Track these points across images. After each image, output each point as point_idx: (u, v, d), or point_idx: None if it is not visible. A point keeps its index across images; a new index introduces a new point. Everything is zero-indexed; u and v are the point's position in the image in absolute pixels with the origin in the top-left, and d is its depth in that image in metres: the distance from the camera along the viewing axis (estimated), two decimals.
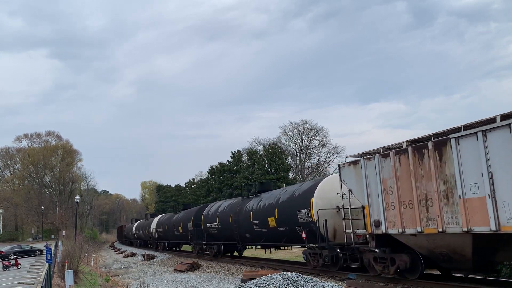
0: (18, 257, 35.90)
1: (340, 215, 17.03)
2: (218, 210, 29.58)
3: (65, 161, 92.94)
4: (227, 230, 27.50)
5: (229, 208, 27.86)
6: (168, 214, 47.53)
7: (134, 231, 63.47)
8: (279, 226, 20.99)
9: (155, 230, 47.24)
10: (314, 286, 11.34)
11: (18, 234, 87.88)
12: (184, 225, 36.62)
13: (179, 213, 40.82)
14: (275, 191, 23.77)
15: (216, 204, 31.62)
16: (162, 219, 46.27)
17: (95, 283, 21.48)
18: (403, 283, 14.35)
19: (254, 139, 78.39)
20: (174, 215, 42.26)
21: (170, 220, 42.12)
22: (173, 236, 40.61)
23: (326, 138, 72.55)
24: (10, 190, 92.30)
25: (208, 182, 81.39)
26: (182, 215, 38.90)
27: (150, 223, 51.61)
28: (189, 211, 38.11)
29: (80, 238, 34.87)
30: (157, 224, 47.27)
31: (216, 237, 29.86)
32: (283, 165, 62.74)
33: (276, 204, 21.40)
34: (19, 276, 23.66)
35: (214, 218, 29.61)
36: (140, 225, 59.87)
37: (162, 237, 45.19)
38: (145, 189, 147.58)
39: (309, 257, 18.78)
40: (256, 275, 15.33)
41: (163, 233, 44.25)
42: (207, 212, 31.70)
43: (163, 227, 44.29)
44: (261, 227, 22.70)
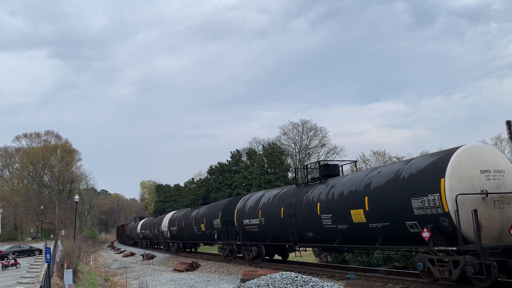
0: (17, 257, 35.84)
1: (488, 204, 12.13)
2: (260, 203, 23.65)
3: (65, 160, 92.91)
4: (276, 227, 21.69)
5: (278, 200, 21.93)
6: (184, 210, 42.54)
7: (139, 230, 59.23)
8: (371, 222, 15.09)
9: (167, 229, 42.41)
10: (313, 286, 11.33)
11: (17, 233, 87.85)
12: (208, 222, 31.23)
13: (199, 208, 35.66)
14: (354, 175, 17.39)
15: (255, 195, 25.60)
16: (176, 216, 41.17)
17: (94, 282, 21.46)
18: (402, 283, 14.35)
19: (254, 139, 78.48)
20: (192, 211, 37.13)
21: (187, 217, 36.92)
22: (192, 235, 35.44)
23: (325, 138, 72.66)
24: (9, 189, 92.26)
25: (208, 182, 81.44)
26: (204, 210, 33.46)
27: (160, 221, 46.63)
28: (215, 205, 32.79)
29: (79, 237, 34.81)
30: (169, 221, 42.27)
31: (257, 236, 24.02)
32: (282, 165, 62.75)
33: (365, 191, 15.46)
34: (18, 275, 23.64)
35: (254, 212, 23.76)
36: (147, 223, 55.18)
37: (176, 237, 40.19)
38: (145, 189, 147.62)
39: (431, 266, 12.79)
40: (255, 275, 15.31)
41: (178, 232, 39.36)
42: (242, 205, 25.85)
43: (178, 225, 39.07)
44: (337, 223, 16.84)
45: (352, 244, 17.20)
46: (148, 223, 54.23)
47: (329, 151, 72.12)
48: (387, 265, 20.76)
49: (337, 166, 20.14)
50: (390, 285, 14.44)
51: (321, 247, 20.15)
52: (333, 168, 19.94)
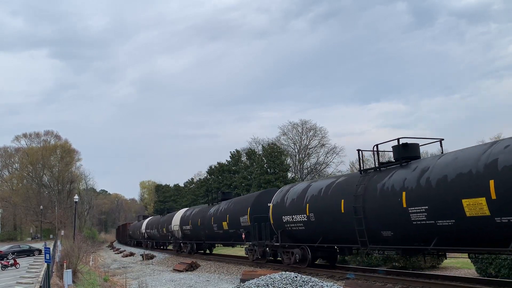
0: (16, 257, 35.84)
1: None
2: (306, 195, 19.08)
3: (64, 160, 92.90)
4: (332, 225, 17.31)
5: (335, 190, 17.37)
6: (199, 207, 38.13)
7: (143, 230, 55.04)
8: (500, 215, 11.08)
9: (179, 228, 38.43)
10: (312, 286, 11.34)
11: (17, 233, 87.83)
12: (232, 220, 26.94)
13: (219, 205, 31.03)
14: (460, 153, 12.97)
15: (297, 187, 20.86)
16: (190, 214, 36.84)
17: (94, 282, 21.47)
18: (402, 283, 14.36)
19: (253, 139, 78.53)
20: (210, 207, 32.44)
21: (204, 214, 32.50)
22: (211, 234, 31.15)
23: (325, 138, 72.69)
24: (9, 189, 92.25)
25: (207, 182, 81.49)
26: (226, 206, 29.03)
27: (169, 219, 42.54)
28: (241, 200, 28.38)
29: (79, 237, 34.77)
30: (182, 220, 37.92)
31: (302, 236, 19.55)
32: (282, 165, 62.75)
33: (488, 172, 11.39)
34: (17, 275, 23.63)
35: (299, 207, 19.24)
36: (154, 222, 50.66)
37: (190, 237, 36.11)
38: (144, 189, 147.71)
39: None
40: (255, 275, 15.32)
41: (193, 231, 35.14)
42: (280, 199, 21.33)
43: (192, 223, 34.78)
44: (435, 219, 12.76)
45: (460, 246, 12.81)
46: (155, 222, 49.81)
47: (328, 151, 72.22)
48: (386, 265, 20.78)
49: (418, 146, 15.84)
50: (390, 285, 14.44)
51: (404, 250, 14.81)
52: (414, 149, 15.55)
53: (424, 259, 18.79)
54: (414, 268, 19.60)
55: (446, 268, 20.12)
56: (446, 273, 17.97)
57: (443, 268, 20.10)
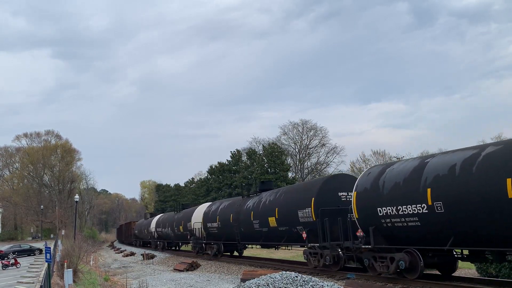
0: (17, 256, 35.84)
1: None
2: (423, 176, 13.59)
3: (65, 160, 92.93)
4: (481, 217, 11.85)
5: (489, 164, 11.78)
6: (228, 201, 31.01)
7: (153, 229, 49.47)
8: None
9: (202, 226, 32.04)
10: (313, 285, 11.33)
11: (17, 233, 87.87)
12: (284, 214, 21.28)
13: (260, 196, 24.93)
14: None
15: (400, 166, 15.20)
16: (217, 209, 30.29)
17: (94, 282, 21.48)
18: (402, 282, 14.34)
19: (254, 139, 78.62)
20: (247, 200, 26.14)
21: (239, 209, 26.27)
22: (249, 233, 25.13)
23: (325, 138, 72.78)
24: (9, 189, 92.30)
25: (208, 182, 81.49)
26: (273, 197, 23.16)
27: (187, 215, 36.64)
28: (298, 188, 22.47)
29: (79, 237, 34.85)
30: (205, 216, 31.72)
31: (414, 235, 14.13)
32: (282, 165, 62.79)
33: None
34: (18, 275, 23.62)
35: (409, 193, 13.93)
36: (167, 220, 44.72)
37: (217, 236, 29.88)
38: (145, 189, 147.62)
39: None
40: (255, 275, 15.32)
41: (221, 230, 28.97)
42: (370, 184, 15.80)
43: (221, 220, 28.79)
44: None
45: None
46: (168, 219, 44.02)
47: (329, 151, 72.28)
48: None
49: None
50: (390, 285, 14.44)
51: None
52: None
53: None
54: None
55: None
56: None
57: None
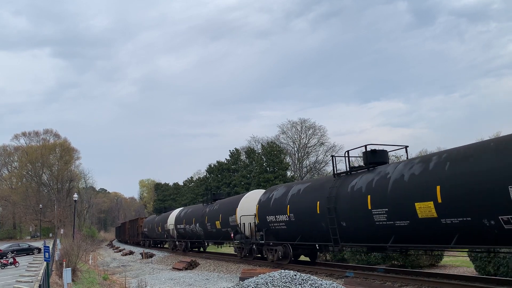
0: (16, 255, 35.80)
1: None
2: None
3: (63, 159, 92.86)
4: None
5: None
6: (305, 183, 20.22)
7: (171, 226, 40.10)
8: None
9: (256, 221, 23.23)
10: (312, 284, 11.34)
11: (16, 232, 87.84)
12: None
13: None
14: None
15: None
16: (284, 195, 20.56)
17: (93, 281, 21.49)
18: (401, 281, 14.38)
19: (253, 138, 78.56)
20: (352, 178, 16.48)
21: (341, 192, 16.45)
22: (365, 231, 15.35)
23: (324, 136, 72.73)
24: (8, 188, 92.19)
25: (207, 181, 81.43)
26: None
27: (227, 208, 27.17)
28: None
29: (78, 236, 34.83)
30: (262, 208, 22.15)
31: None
32: (281, 164, 62.74)
33: None
34: (17, 274, 23.62)
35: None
36: (192, 214, 34.78)
37: (286, 235, 20.33)
38: (144, 188, 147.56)
39: None
40: (254, 273, 15.34)
41: (299, 225, 19.06)
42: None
43: (296, 210, 19.07)
44: None
45: None
46: (195, 213, 34.10)
47: (327, 150, 72.26)
48: (385, 264, 20.81)
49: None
50: (389, 283, 14.47)
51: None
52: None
53: None
54: (413, 267, 19.65)
55: (445, 266, 20.16)
56: (445, 271, 18.00)
57: (442, 267, 20.14)
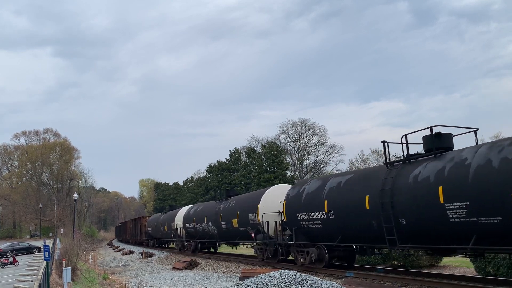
0: (16, 255, 35.79)
1: None
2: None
3: (63, 158, 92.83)
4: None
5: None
6: (343, 176, 17.60)
7: (179, 225, 36.77)
8: None
9: (283, 219, 20.85)
10: (312, 284, 11.33)
11: (16, 231, 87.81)
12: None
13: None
14: None
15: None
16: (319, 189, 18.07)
17: (93, 280, 21.48)
18: (401, 281, 14.37)
19: (253, 138, 78.56)
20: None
21: None
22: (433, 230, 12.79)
23: (324, 136, 72.71)
24: (8, 187, 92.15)
25: (207, 181, 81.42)
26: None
27: (245, 205, 24.59)
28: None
29: (78, 235, 34.80)
30: (291, 204, 19.65)
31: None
32: (281, 164, 62.75)
33: None
34: (16, 273, 23.60)
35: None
36: (203, 212, 31.33)
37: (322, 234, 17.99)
38: (143, 187, 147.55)
39: None
40: (254, 273, 15.33)
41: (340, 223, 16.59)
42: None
43: (337, 207, 16.55)
44: None
45: None
46: (207, 211, 30.55)
47: (328, 150, 72.26)
48: (385, 264, 20.81)
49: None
50: (389, 283, 14.46)
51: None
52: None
53: None
54: (413, 267, 19.65)
55: (445, 266, 20.16)
56: (445, 271, 18.00)
57: (442, 267, 20.14)
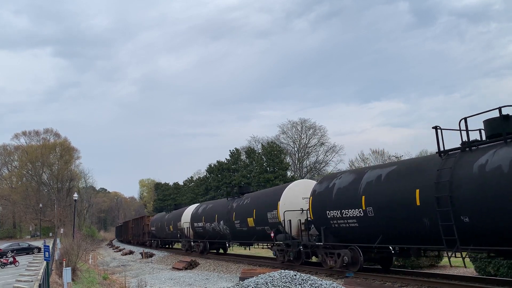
0: (16, 255, 35.80)
1: None
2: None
3: (63, 158, 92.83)
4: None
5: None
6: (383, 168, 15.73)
7: (186, 225, 34.54)
8: None
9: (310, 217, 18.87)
10: (312, 284, 11.33)
11: (16, 231, 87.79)
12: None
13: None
14: None
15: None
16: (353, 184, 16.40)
17: (93, 280, 21.48)
18: (401, 281, 14.37)
19: (253, 138, 78.59)
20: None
21: None
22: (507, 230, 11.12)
23: (324, 136, 72.74)
24: (8, 187, 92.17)
25: (207, 181, 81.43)
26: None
27: (261, 202, 23.07)
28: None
29: (78, 235, 34.81)
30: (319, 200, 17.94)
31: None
32: (281, 164, 62.77)
33: None
34: (17, 273, 23.61)
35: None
36: (213, 210, 29.43)
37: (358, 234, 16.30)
38: (144, 187, 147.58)
39: None
40: (254, 273, 15.33)
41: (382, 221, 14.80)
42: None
43: (378, 203, 14.81)
44: None
45: None
46: (217, 209, 28.85)
47: (328, 150, 72.28)
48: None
49: None
50: (389, 283, 14.46)
51: None
52: None
53: None
54: (413, 267, 19.63)
55: (445, 266, 20.14)
56: (445, 271, 17.99)
57: (442, 267, 20.13)
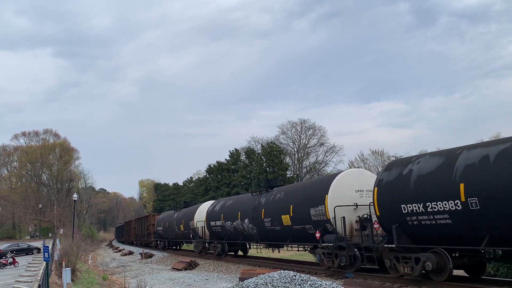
0: (15, 255, 35.75)
1: None
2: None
3: (63, 159, 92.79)
4: None
5: None
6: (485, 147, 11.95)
7: (200, 224, 31.67)
8: None
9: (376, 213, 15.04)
10: (311, 285, 11.33)
11: (15, 232, 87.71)
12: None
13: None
14: None
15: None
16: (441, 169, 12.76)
17: (93, 281, 21.48)
18: (400, 282, 14.37)
19: (253, 138, 78.55)
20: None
21: None
22: None
23: (324, 137, 72.73)
24: (7, 188, 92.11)
25: (206, 181, 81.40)
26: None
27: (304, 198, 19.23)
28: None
29: (78, 236, 34.81)
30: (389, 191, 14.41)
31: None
32: (281, 164, 62.78)
33: None
34: (16, 274, 23.59)
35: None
36: (233, 207, 26.62)
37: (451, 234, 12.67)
38: (143, 188, 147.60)
39: None
40: (254, 274, 15.34)
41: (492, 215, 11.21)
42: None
43: (484, 192, 11.28)
44: None
45: None
46: (241, 206, 25.69)
47: (327, 150, 72.28)
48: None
49: None
50: (388, 284, 14.46)
51: None
52: None
53: None
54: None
55: None
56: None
57: None
